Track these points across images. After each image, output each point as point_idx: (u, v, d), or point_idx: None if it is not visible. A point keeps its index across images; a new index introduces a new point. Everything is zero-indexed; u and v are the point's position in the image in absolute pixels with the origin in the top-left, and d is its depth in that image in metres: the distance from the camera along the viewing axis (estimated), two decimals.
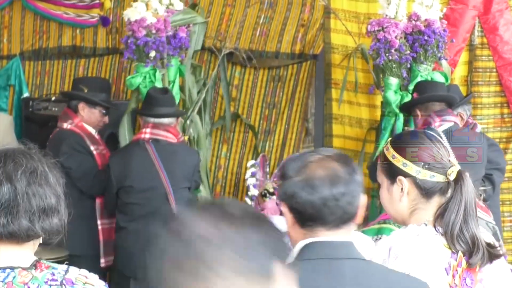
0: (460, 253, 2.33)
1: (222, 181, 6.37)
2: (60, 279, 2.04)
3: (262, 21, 6.27)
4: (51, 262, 2.11)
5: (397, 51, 5.09)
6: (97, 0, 6.33)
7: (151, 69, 5.23)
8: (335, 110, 5.97)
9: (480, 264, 2.34)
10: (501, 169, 4.98)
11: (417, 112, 4.84)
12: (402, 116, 5.20)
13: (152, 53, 5.15)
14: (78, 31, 6.45)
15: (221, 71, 6.03)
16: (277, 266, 1.30)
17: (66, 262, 2.17)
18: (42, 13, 6.42)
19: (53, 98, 6.07)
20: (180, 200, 4.93)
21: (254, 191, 5.85)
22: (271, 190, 5.70)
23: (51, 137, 5.18)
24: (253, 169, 5.95)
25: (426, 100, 4.83)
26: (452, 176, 2.36)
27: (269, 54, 6.31)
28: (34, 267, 2.06)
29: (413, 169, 2.38)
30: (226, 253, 1.28)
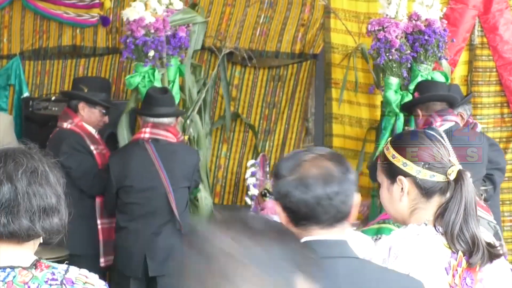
0: (460, 253, 2.33)
1: (222, 180, 6.37)
2: (60, 279, 2.04)
3: (262, 21, 6.27)
4: (51, 261, 2.11)
5: (397, 51, 5.09)
6: (97, 0, 6.33)
7: (150, 69, 5.23)
8: (335, 109, 5.97)
9: (480, 264, 2.34)
10: (501, 169, 4.98)
11: (418, 111, 4.83)
12: (402, 116, 5.20)
13: (151, 53, 5.15)
14: (78, 31, 6.45)
15: (221, 71, 6.03)
16: (299, 279, 1.29)
17: (66, 261, 2.17)
18: (42, 13, 6.42)
19: (53, 98, 6.07)
20: (180, 199, 4.93)
21: (254, 191, 5.85)
22: (271, 189, 5.70)
23: (51, 136, 5.18)
24: (253, 169, 5.95)
25: (427, 99, 4.82)
26: (452, 176, 2.36)
27: (269, 54, 6.31)
28: (34, 267, 2.06)
29: (413, 169, 2.38)
30: (248, 268, 1.26)
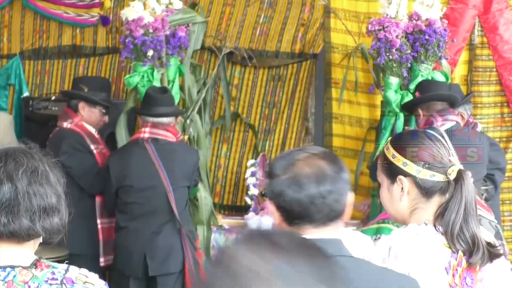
0: (460, 253, 2.33)
1: (222, 180, 6.38)
2: (60, 278, 2.04)
3: (262, 21, 6.27)
4: (51, 261, 2.11)
5: (397, 51, 5.09)
6: (97, 0, 6.33)
7: (149, 68, 5.23)
8: (335, 109, 5.97)
9: (480, 264, 2.34)
10: (502, 169, 4.98)
11: (419, 111, 4.83)
12: (402, 116, 5.20)
13: (150, 52, 5.15)
14: (78, 31, 6.45)
15: (221, 71, 6.03)
16: None
17: (66, 261, 2.17)
18: (42, 13, 6.42)
19: (53, 98, 6.08)
20: (180, 199, 4.93)
21: (254, 191, 5.85)
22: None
23: (51, 136, 5.17)
24: (253, 169, 5.95)
25: (428, 99, 4.82)
26: (452, 176, 2.36)
27: (269, 54, 6.31)
28: (34, 266, 2.06)
29: (413, 169, 2.38)
30: (274, 285, 1.25)
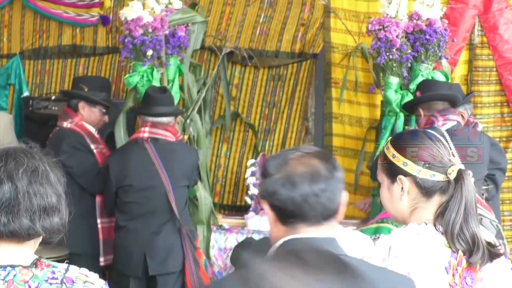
0: (460, 252, 2.33)
1: (222, 180, 6.38)
2: (60, 278, 2.04)
3: (262, 20, 6.27)
4: (51, 261, 2.11)
5: (398, 50, 5.09)
6: (96, 0, 6.34)
7: (149, 68, 5.23)
8: (335, 109, 5.97)
9: (480, 263, 2.34)
10: (502, 169, 4.98)
11: (420, 111, 4.83)
12: (402, 116, 5.20)
13: (149, 52, 5.15)
14: (78, 30, 6.45)
15: (221, 70, 6.03)
16: None
17: (66, 260, 2.18)
18: (42, 12, 6.42)
19: (53, 97, 6.08)
20: (179, 198, 4.93)
21: (254, 190, 5.85)
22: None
23: (51, 136, 5.17)
24: (253, 168, 5.95)
25: (429, 99, 4.81)
26: (453, 175, 2.36)
27: (269, 53, 6.31)
28: (34, 266, 2.06)
29: (414, 168, 2.38)
30: None
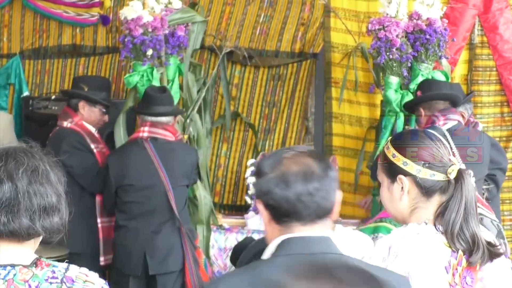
0: (460, 252, 2.33)
1: (222, 180, 6.38)
2: (60, 277, 2.05)
3: (262, 20, 6.27)
4: (51, 260, 2.12)
5: (398, 50, 5.09)
6: None
7: (149, 68, 5.23)
8: (335, 108, 5.97)
9: (480, 263, 2.34)
10: (503, 169, 4.97)
11: (420, 110, 4.82)
12: (402, 115, 5.20)
13: (149, 52, 5.15)
14: (78, 30, 6.45)
15: (221, 70, 6.03)
16: None
17: (66, 260, 2.18)
18: (42, 12, 6.42)
19: (53, 97, 6.08)
20: (179, 198, 4.93)
21: (254, 190, 5.84)
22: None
23: (51, 135, 5.17)
24: (253, 168, 5.95)
25: (430, 98, 4.81)
26: (453, 175, 2.36)
27: (269, 53, 6.32)
28: (34, 265, 2.06)
29: (414, 168, 2.38)
30: None
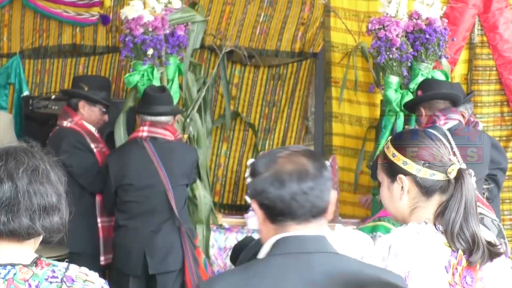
0: (460, 252, 2.33)
1: (222, 179, 6.38)
2: (60, 277, 2.05)
3: (262, 20, 6.27)
4: (51, 260, 2.12)
5: (398, 50, 5.09)
6: None
7: (149, 67, 5.23)
8: (335, 108, 5.97)
9: (480, 263, 2.34)
10: (503, 169, 4.97)
11: (421, 110, 4.82)
12: (402, 115, 5.20)
13: (150, 51, 5.15)
14: (78, 30, 6.45)
15: (221, 70, 6.03)
16: None
17: (67, 260, 2.18)
18: (42, 12, 6.42)
19: (53, 97, 6.08)
20: (179, 197, 4.93)
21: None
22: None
23: (51, 135, 5.17)
24: None
25: (431, 97, 4.80)
26: (453, 175, 2.36)
27: (269, 53, 6.32)
28: (34, 264, 2.06)
29: (414, 168, 2.38)
30: None
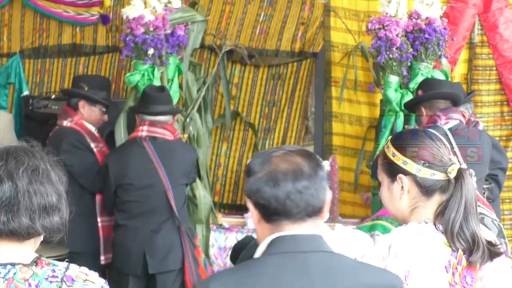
0: (460, 251, 2.33)
1: (222, 179, 6.38)
2: (60, 276, 2.05)
3: (262, 19, 6.27)
4: (52, 259, 2.12)
5: (398, 49, 5.09)
6: None
7: (150, 67, 5.23)
8: (335, 108, 5.97)
9: (480, 262, 2.34)
10: (503, 169, 4.96)
11: (422, 109, 4.82)
12: (402, 115, 5.20)
13: (151, 51, 5.16)
14: (78, 29, 6.45)
15: (221, 69, 6.03)
16: None
17: (67, 259, 2.18)
18: (42, 11, 6.42)
19: (53, 96, 6.08)
20: (178, 196, 4.93)
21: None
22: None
23: (51, 135, 5.17)
24: None
25: (432, 97, 4.80)
26: (453, 174, 2.36)
27: (269, 52, 6.32)
28: (34, 264, 2.06)
29: (414, 167, 2.38)
30: None
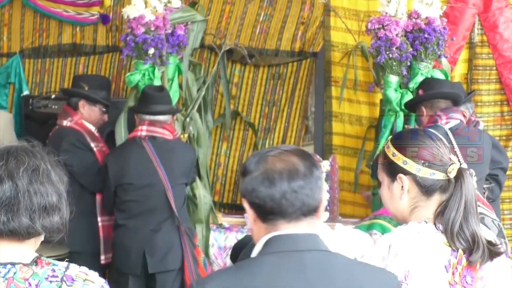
0: (460, 251, 2.33)
1: (222, 178, 6.38)
2: (60, 276, 2.05)
3: (262, 19, 6.27)
4: (52, 259, 2.12)
5: (397, 49, 5.09)
6: None
7: (150, 67, 5.23)
8: (335, 108, 5.98)
9: (480, 262, 2.34)
10: (504, 168, 4.96)
11: (422, 109, 4.83)
12: (402, 114, 5.20)
13: (151, 51, 5.16)
14: (78, 29, 6.45)
15: (221, 69, 6.03)
16: None
17: (67, 259, 2.18)
18: (42, 11, 6.42)
19: (53, 96, 6.08)
20: (178, 196, 4.93)
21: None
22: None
23: (51, 134, 5.17)
24: None
25: (432, 97, 4.80)
26: (453, 174, 2.36)
27: (269, 52, 6.32)
28: (35, 263, 2.06)
29: (414, 167, 2.39)
30: None
